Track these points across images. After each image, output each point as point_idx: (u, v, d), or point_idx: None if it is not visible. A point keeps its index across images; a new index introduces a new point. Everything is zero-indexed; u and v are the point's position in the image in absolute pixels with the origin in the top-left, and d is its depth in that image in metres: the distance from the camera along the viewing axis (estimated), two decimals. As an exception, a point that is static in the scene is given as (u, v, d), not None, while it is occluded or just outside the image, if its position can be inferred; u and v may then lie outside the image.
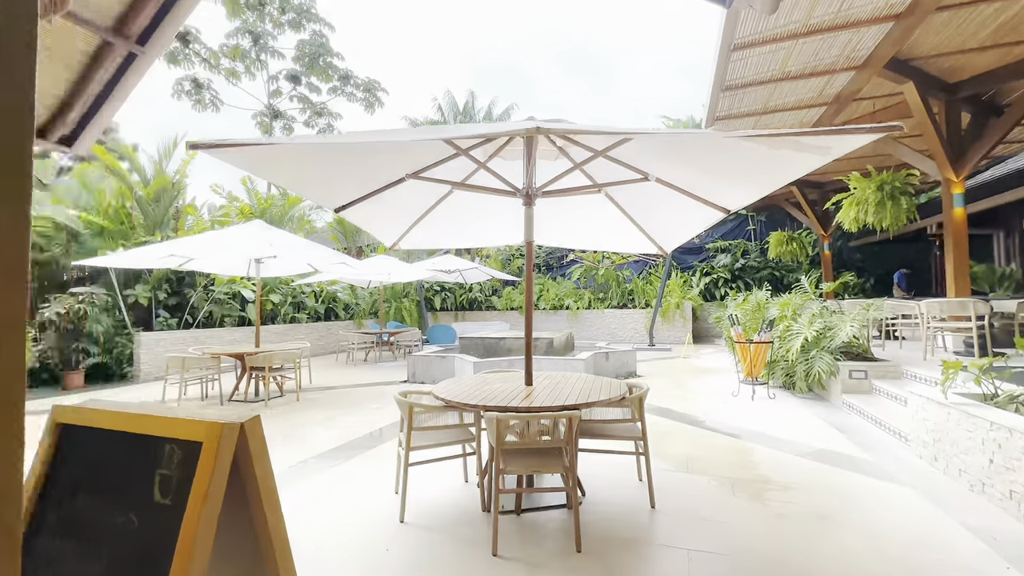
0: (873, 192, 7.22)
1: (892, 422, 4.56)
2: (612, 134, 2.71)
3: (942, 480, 3.47)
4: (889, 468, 3.73)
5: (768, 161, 2.70)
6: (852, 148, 2.16)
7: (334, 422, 5.51)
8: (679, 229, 4.34)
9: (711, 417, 5.43)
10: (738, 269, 15.49)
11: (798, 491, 3.35)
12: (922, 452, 3.88)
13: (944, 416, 3.57)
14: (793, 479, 3.57)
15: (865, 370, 5.69)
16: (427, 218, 4.57)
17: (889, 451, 4.13)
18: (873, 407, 5.11)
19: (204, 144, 1.96)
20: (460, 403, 2.85)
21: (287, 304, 12.41)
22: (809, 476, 3.63)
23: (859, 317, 5.79)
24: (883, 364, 5.73)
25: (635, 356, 8.61)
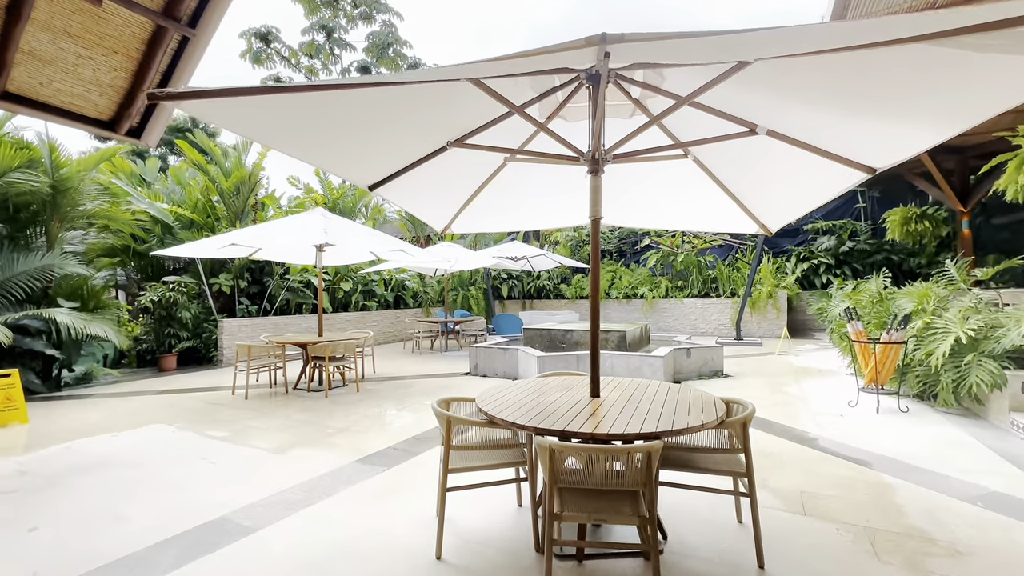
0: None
1: (1103, 459, 3.32)
2: (721, 37, 1.91)
3: None
4: (1119, 533, 2.62)
5: (970, 71, 1.76)
6: None
7: (386, 418, 5.21)
8: (795, 200, 3.40)
9: (825, 434, 4.41)
10: (844, 253, 13.41)
11: (977, 559, 2.40)
12: None
13: None
14: (964, 538, 2.60)
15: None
16: (479, 198, 4.01)
17: (1108, 503, 2.96)
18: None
19: (163, 94, 1.53)
20: (507, 421, 2.27)
21: (357, 292, 12.62)
22: (987, 535, 2.63)
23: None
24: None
25: (721, 352, 7.55)
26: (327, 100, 2.16)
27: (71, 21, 4.27)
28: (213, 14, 4.67)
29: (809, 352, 9.64)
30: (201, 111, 1.92)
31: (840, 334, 7.37)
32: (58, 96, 4.78)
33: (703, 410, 2.39)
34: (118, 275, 10.67)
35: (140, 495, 3.30)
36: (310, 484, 3.43)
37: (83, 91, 4.83)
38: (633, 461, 2.09)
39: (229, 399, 6.25)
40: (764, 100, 2.52)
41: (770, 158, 2.95)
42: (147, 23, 4.54)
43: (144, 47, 4.67)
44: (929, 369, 5.07)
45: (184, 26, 4.60)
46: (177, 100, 1.62)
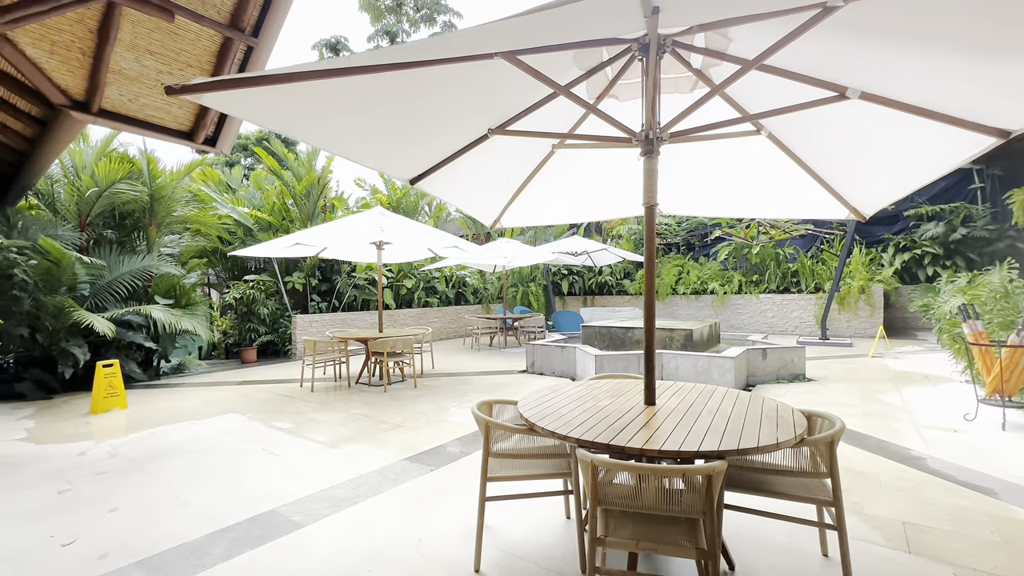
0: None
1: None
2: None
3: None
4: None
5: None
6: None
7: (439, 416, 5.18)
8: (896, 178, 2.87)
9: (935, 453, 3.76)
10: (955, 242, 11.66)
11: None
12: None
13: None
14: None
15: None
16: (528, 189, 3.82)
17: None
18: None
19: (178, 88, 1.49)
20: (547, 430, 2.07)
21: (420, 289, 12.92)
22: None
23: None
24: None
25: (803, 353, 6.79)
26: (352, 86, 2.06)
27: (151, 39, 4.62)
28: (273, 22, 4.86)
29: (911, 355, 8.47)
30: (225, 104, 1.90)
31: (952, 335, 6.36)
32: (144, 111, 5.22)
33: (778, 425, 2.04)
34: (209, 274, 11.69)
35: (206, 483, 3.47)
36: (358, 481, 3.44)
37: (165, 104, 5.23)
38: (692, 484, 1.81)
39: (297, 391, 6.56)
40: (856, 55, 2.10)
41: (864, 127, 2.49)
42: (216, 35, 4.80)
43: (214, 59, 4.95)
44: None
45: (248, 36, 4.82)
46: (195, 93, 1.59)
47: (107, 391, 5.70)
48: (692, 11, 1.88)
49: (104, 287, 7.37)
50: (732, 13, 1.82)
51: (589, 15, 1.58)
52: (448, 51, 1.91)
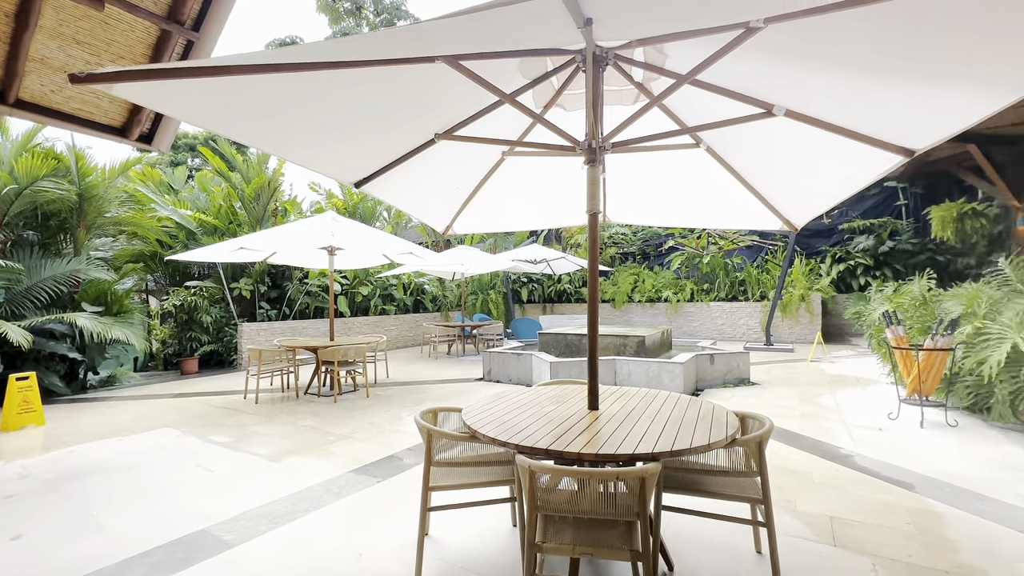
0: None
1: None
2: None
3: None
4: None
5: None
6: None
7: (392, 425, 5.05)
8: (820, 192, 3.06)
9: (862, 450, 4.00)
10: (883, 254, 12.60)
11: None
12: None
13: None
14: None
15: (1124, 396, 3.81)
16: (480, 195, 3.82)
17: None
18: None
19: (83, 76, 1.39)
20: (488, 436, 2.05)
21: (376, 296, 12.63)
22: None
23: (1114, 317, 3.87)
24: None
25: (748, 358, 7.10)
26: (290, 82, 2.00)
27: (78, 27, 4.31)
28: (216, 17, 4.65)
29: (845, 359, 9.03)
30: (144, 97, 1.78)
31: (879, 340, 6.83)
32: (69, 103, 4.85)
33: (712, 426, 2.11)
34: (148, 280, 10.97)
35: (128, 503, 3.22)
36: (299, 496, 3.28)
37: (94, 97, 4.89)
38: (628, 486, 1.83)
39: (240, 403, 6.24)
40: (781, 75, 2.23)
41: (790, 144, 2.64)
42: (152, 28, 4.55)
43: (150, 52, 4.68)
44: (981, 379, 4.57)
45: (188, 30, 4.60)
46: (104, 82, 1.49)
47: (21, 407, 5.21)
48: (625, 25, 1.94)
49: (22, 293, 6.77)
50: (663, 29, 1.90)
51: (525, 21, 1.60)
52: (387, 48, 1.88)
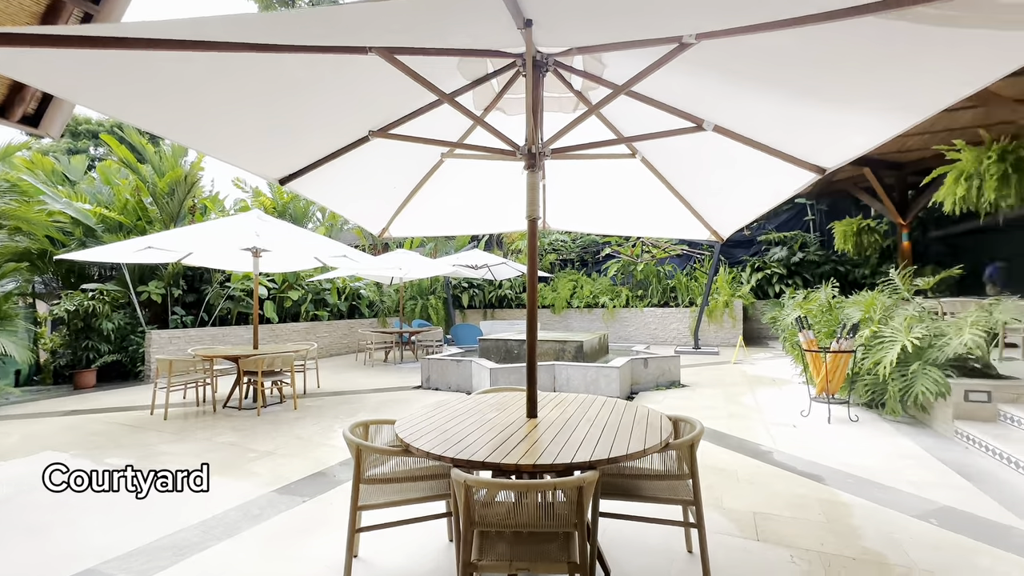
0: (995, 163, 5.72)
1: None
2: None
3: None
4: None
5: (929, 54, 1.60)
6: None
7: (323, 439, 4.75)
8: (744, 204, 3.25)
9: (779, 446, 4.29)
10: (795, 264, 13.84)
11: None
12: (1114, 523, 2.65)
13: None
14: (920, 560, 2.45)
15: (988, 391, 4.37)
16: (418, 198, 3.69)
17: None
18: (1006, 442, 3.82)
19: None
20: (422, 450, 1.94)
21: (308, 301, 11.95)
22: (943, 556, 2.49)
23: (980, 321, 4.44)
24: (1012, 383, 4.39)
25: (678, 362, 7.45)
26: (202, 62, 1.79)
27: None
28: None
29: (763, 360, 9.74)
30: (8, 66, 1.52)
31: (792, 343, 7.42)
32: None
33: (647, 431, 2.14)
34: (35, 282, 9.65)
35: (1, 543, 2.75)
36: (212, 522, 2.97)
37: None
38: (566, 496, 1.80)
39: (146, 420, 5.61)
40: (711, 92, 2.34)
41: (718, 158, 2.78)
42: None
43: (36, 23, 4.12)
44: (877, 378, 5.08)
45: (86, 1, 4.10)
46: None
47: None
48: (565, 31, 1.94)
49: None
50: (601, 39, 1.91)
51: (464, 15, 1.54)
52: (315, 31, 1.74)
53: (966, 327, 4.41)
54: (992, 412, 4.35)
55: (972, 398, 4.40)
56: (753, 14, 1.57)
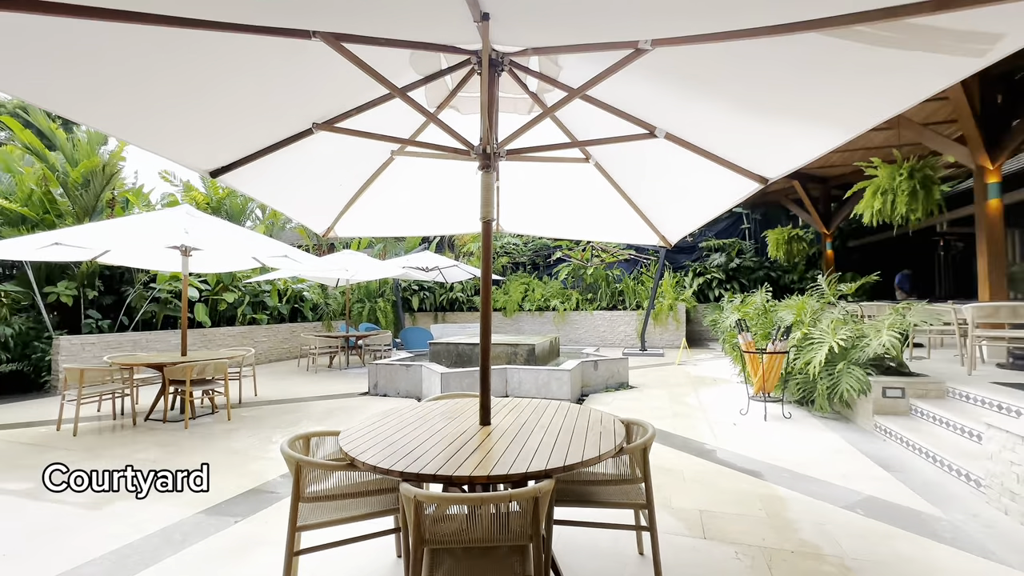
0: (905, 180, 6.31)
1: (949, 457, 3.63)
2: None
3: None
4: (975, 535, 2.78)
5: (864, 73, 1.69)
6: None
7: (260, 452, 4.43)
8: (692, 211, 3.35)
9: (722, 445, 4.47)
10: (733, 269, 14.67)
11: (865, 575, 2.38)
12: (1008, 506, 2.94)
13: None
14: (850, 550, 2.60)
15: (902, 387, 4.78)
16: (366, 195, 3.53)
17: (959, 503, 3.19)
18: (916, 434, 4.18)
19: None
20: (369, 464, 1.82)
21: (245, 304, 11.22)
22: (869, 544, 2.66)
23: (896, 324, 4.86)
24: (921, 380, 4.82)
25: (627, 364, 7.64)
26: (123, 37, 1.59)
27: None
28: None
29: (705, 361, 10.20)
30: None
31: (732, 344, 7.81)
32: None
33: (601, 436, 2.13)
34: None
35: None
36: (126, 551, 2.66)
37: None
38: (521, 507, 1.74)
39: (52, 437, 5.01)
40: (664, 100, 2.38)
41: (669, 165, 2.84)
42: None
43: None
44: (807, 377, 5.43)
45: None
46: None
47: None
48: (521, 30, 1.90)
49: None
50: (558, 40, 1.89)
51: (416, 2, 1.45)
52: (248, 7, 1.59)
53: (884, 329, 4.80)
54: (906, 407, 4.76)
55: (889, 394, 4.79)
56: (707, 24, 1.60)
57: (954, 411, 4.25)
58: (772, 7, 1.45)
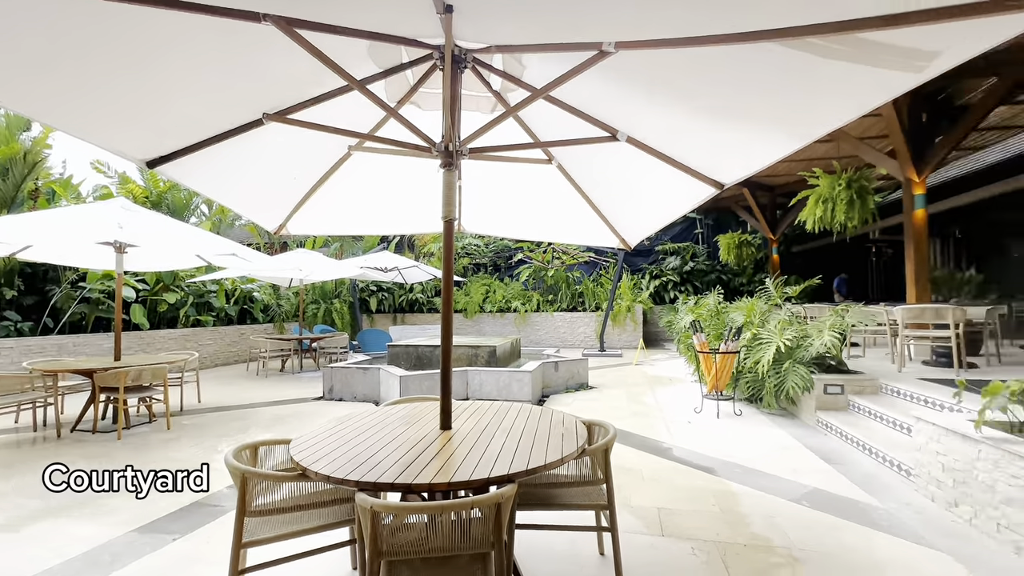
0: (844, 190, 6.75)
1: (883, 449, 3.88)
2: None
3: (981, 540, 2.74)
4: (907, 521, 2.97)
5: (815, 85, 1.76)
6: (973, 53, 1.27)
7: (198, 464, 4.15)
8: (651, 214, 3.42)
9: (678, 443, 4.59)
10: (687, 272, 15.21)
11: (812, 567, 2.48)
12: (935, 494, 3.17)
13: (972, 454, 2.86)
14: (798, 541, 2.72)
15: (841, 384, 5.08)
16: (322, 192, 3.38)
17: (893, 492, 3.41)
18: (854, 428, 4.46)
19: None
20: (321, 474, 1.72)
21: (188, 305, 10.56)
22: (817, 536, 2.79)
23: (836, 325, 5.17)
24: (858, 377, 5.15)
25: (587, 365, 7.74)
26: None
27: None
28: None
29: (661, 361, 10.49)
30: None
31: (687, 344, 8.06)
32: None
33: (564, 438, 2.12)
34: None
35: None
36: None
37: None
38: (483, 514, 1.70)
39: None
40: (627, 104, 2.40)
41: (630, 168, 2.88)
42: None
43: None
44: (757, 375, 5.68)
45: None
46: None
47: None
48: (486, 22, 1.86)
49: None
50: (522, 38, 1.87)
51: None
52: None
53: (825, 330, 5.09)
54: (845, 403, 5.06)
55: (830, 391, 5.08)
56: (669, 29, 1.61)
57: (887, 406, 4.56)
58: (733, 16, 1.48)
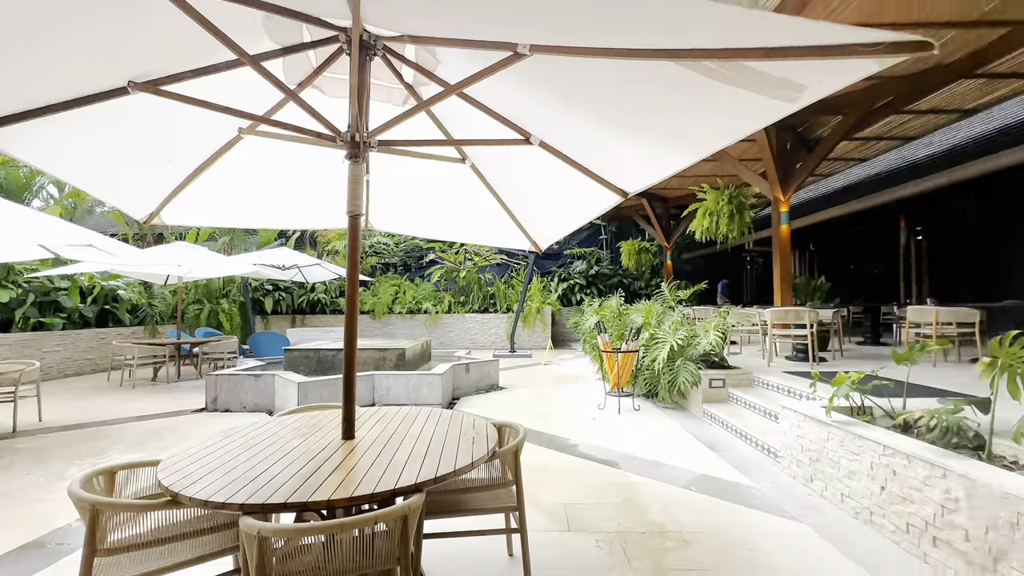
0: (726, 204, 7.57)
1: (757, 435, 4.39)
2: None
3: (830, 510, 3.18)
4: (775, 498, 3.37)
5: (710, 105, 1.92)
6: (841, 85, 1.46)
7: (44, 493, 3.47)
8: (561, 218, 3.51)
9: (583, 439, 4.78)
10: (592, 276, 16.03)
11: (699, 547, 2.71)
12: (796, 472, 3.65)
13: (824, 435, 3.33)
14: (688, 525, 2.96)
15: (723, 378, 5.66)
16: (205, 178, 3.00)
17: (765, 473, 3.85)
18: (734, 417, 4.99)
19: None
20: (196, 499, 1.50)
21: (28, 305, 8.84)
22: (703, 518, 3.06)
23: (719, 325, 5.76)
24: (737, 372, 5.78)
25: (497, 366, 7.80)
26: None
27: None
28: None
29: (568, 361, 10.92)
30: None
31: (592, 344, 8.48)
32: None
33: (474, 441, 2.09)
34: None
35: None
36: None
37: None
38: (391, 528, 1.60)
39: None
40: (541, 108, 2.44)
41: (542, 172, 2.94)
42: None
43: None
44: (653, 372, 6.13)
45: None
46: None
47: None
48: (398, 8, 1.77)
49: None
50: (436, 30, 1.81)
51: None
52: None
53: (711, 330, 5.65)
54: (726, 395, 5.65)
55: (714, 385, 5.64)
56: (580, 37, 1.66)
57: (759, 396, 5.17)
58: (636, 31, 1.56)
